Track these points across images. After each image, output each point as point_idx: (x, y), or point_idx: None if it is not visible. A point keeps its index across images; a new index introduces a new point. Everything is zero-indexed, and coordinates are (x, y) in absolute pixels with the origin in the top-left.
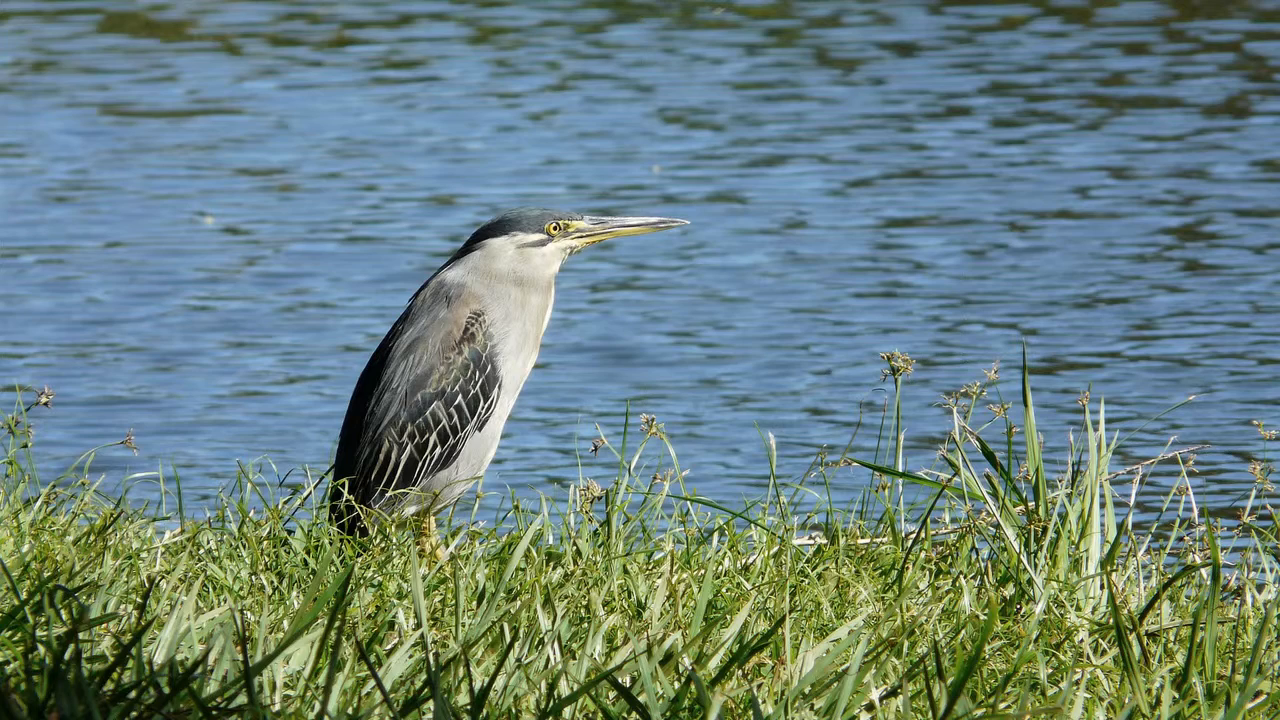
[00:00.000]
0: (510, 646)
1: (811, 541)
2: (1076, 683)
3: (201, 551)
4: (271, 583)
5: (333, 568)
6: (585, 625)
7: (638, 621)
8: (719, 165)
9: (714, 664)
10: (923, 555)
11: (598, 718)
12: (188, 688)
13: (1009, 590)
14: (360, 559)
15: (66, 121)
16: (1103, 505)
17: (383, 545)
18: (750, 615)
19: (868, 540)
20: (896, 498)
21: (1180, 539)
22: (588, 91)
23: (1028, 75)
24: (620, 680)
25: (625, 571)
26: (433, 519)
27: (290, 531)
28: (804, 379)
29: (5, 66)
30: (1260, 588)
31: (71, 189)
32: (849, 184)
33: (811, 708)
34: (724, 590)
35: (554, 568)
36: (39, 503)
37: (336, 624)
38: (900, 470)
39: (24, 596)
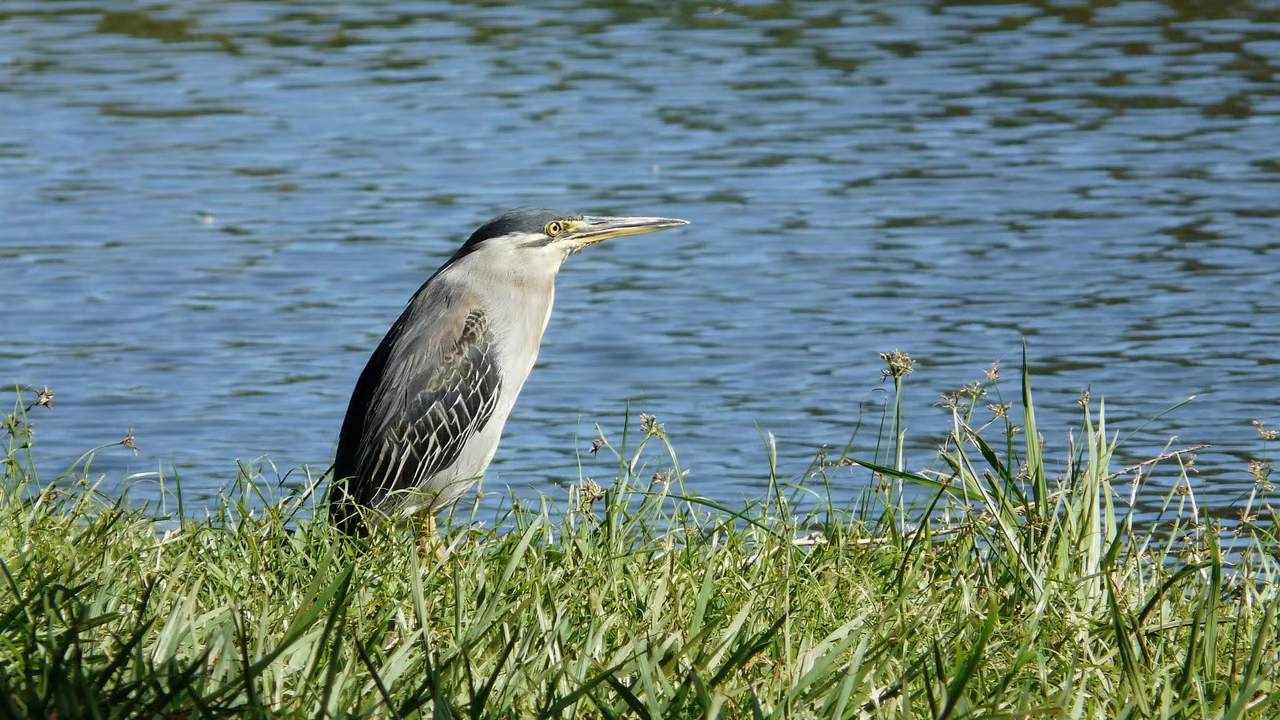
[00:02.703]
0: (510, 646)
1: (811, 541)
2: (1076, 683)
3: (201, 551)
4: (271, 583)
5: (333, 568)
6: (585, 625)
7: (638, 621)
8: (719, 165)
9: (714, 664)
10: (923, 555)
11: (598, 718)
12: (188, 688)
13: (1009, 590)
14: (360, 559)
15: (66, 121)
16: (1103, 505)
17: (383, 545)
18: (750, 615)
19: (868, 540)
20: (896, 498)
21: (1180, 539)
22: (588, 91)
23: (1028, 75)
24: (620, 680)
25: (625, 571)
26: (433, 519)
27: (290, 531)
28: (804, 379)
29: (5, 66)
30: (1260, 588)
31: (71, 189)
32: (849, 184)
33: (811, 708)
34: (724, 590)
35: (554, 568)
36: (39, 503)
37: (336, 624)
38: (900, 470)
39: (24, 596)
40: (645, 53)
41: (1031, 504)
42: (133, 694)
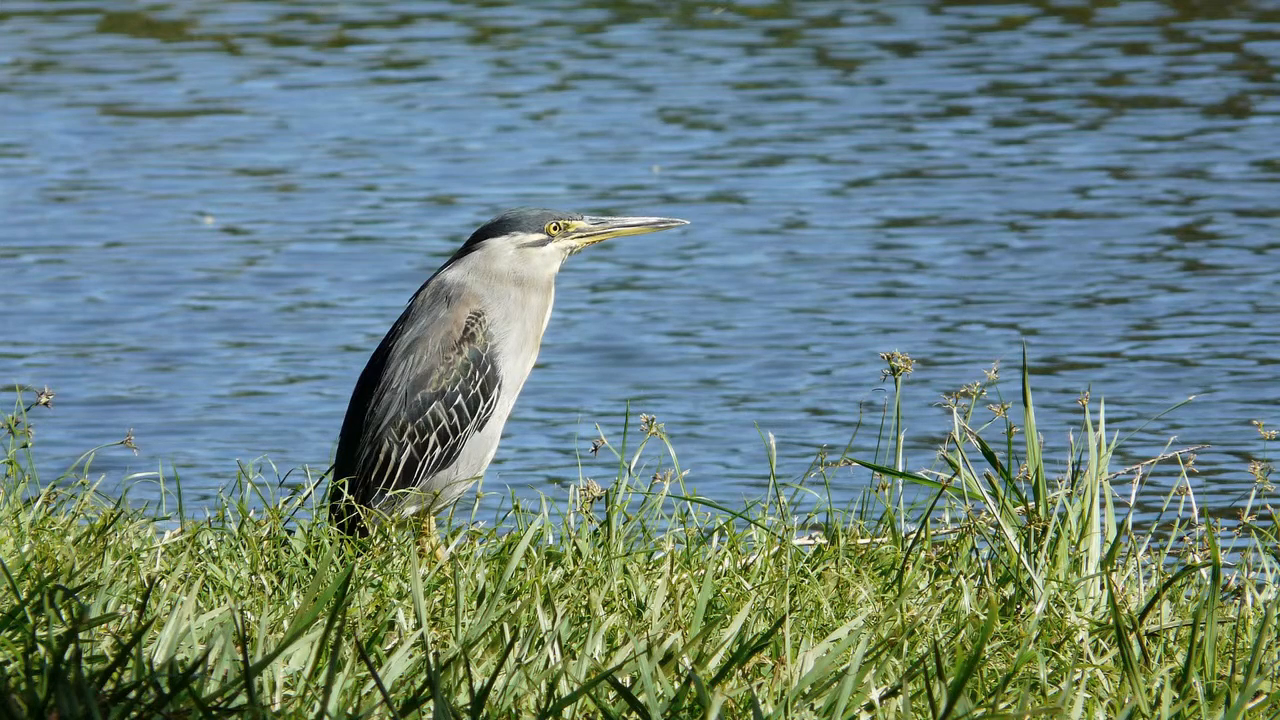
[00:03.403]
0: (510, 646)
1: (811, 541)
2: (1076, 683)
3: (201, 551)
4: (271, 583)
5: (333, 568)
6: (585, 625)
7: (638, 621)
8: (719, 165)
9: (714, 664)
10: (923, 555)
11: (598, 718)
12: (188, 688)
13: (1009, 590)
14: (360, 559)
15: (66, 121)
16: (1103, 505)
17: (383, 545)
18: (750, 615)
19: (868, 540)
20: (896, 498)
21: (1180, 539)
22: (588, 91)
23: (1028, 75)
24: (620, 680)
25: (625, 571)
26: (433, 519)
27: (290, 531)
28: (804, 379)
29: (5, 66)
30: (1260, 588)
31: (71, 189)
32: (849, 184)
33: (811, 708)
34: (724, 590)
35: (554, 568)
36: (39, 503)
37: (336, 624)
38: (900, 470)
39: (24, 596)
40: (645, 53)
41: (1031, 504)
42: (133, 694)
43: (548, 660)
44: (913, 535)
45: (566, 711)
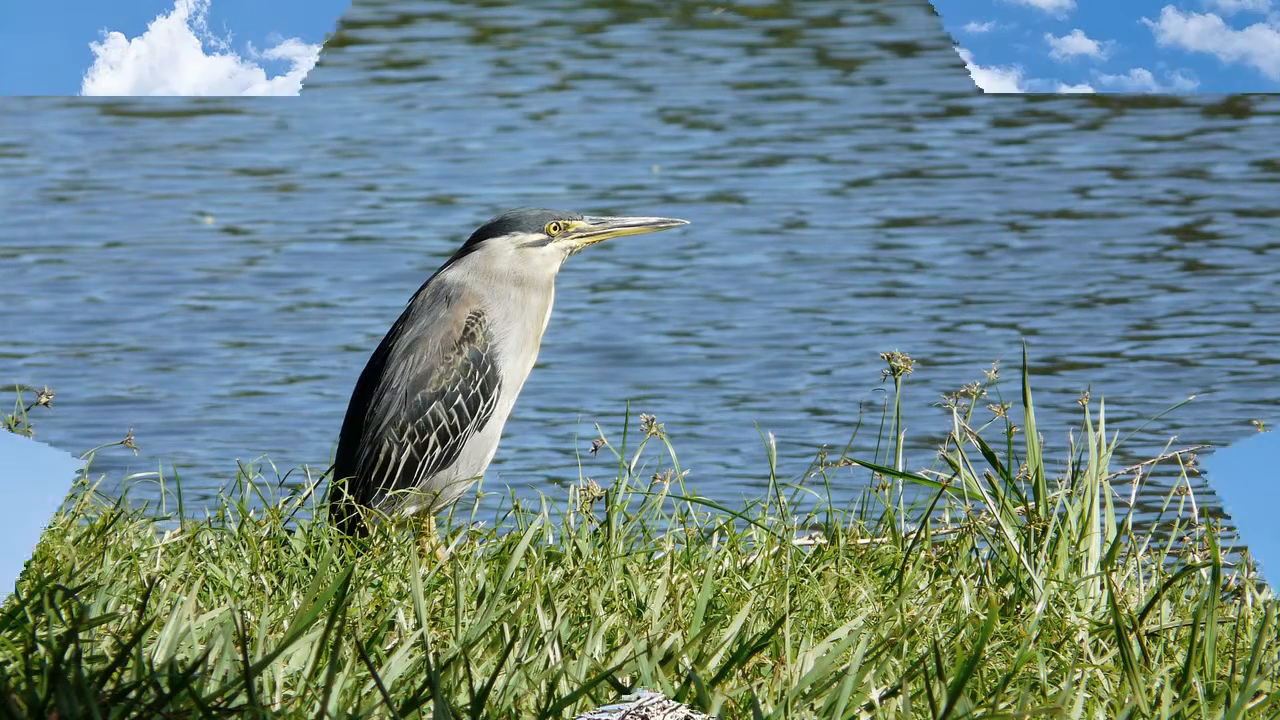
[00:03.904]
0: (510, 646)
1: (811, 541)
2: (1076, 683)
3: (201, 551)
4: (271, 583)
5: (333, 568)
6: (585, 625)
7: (638, 621)
8: (719, 165)
9: (714, 664)
10: (923, 555)
11: None
12: (188, 688)
13: (1009, 590)
14: (360, 559)
15: (66, 121)
16: (1103, 505)
17: (383, 545)
18: (750, 615)
19: (868, 540)
20: (896, 498)
21: (1180, 539)
22: (588, 91)
23: None
24: (620, 680)
25: (625, 571)
26: (433, 519)
27: (290, 531)
28: (804, 379)
29: None
30: (1260, 588)
31: (71, 189)
32: (849, 184)
33: (811, 708)
34: (724, 590)
35: (554, 568)
36: None
37: (336, 624)
38: (900, 470)
39: (24, 596)
40: (645, 53)
41: (1031, 504)
42: (133, 694)
43: (548, 660)
44: (913, 535)
45: (566, 711)
